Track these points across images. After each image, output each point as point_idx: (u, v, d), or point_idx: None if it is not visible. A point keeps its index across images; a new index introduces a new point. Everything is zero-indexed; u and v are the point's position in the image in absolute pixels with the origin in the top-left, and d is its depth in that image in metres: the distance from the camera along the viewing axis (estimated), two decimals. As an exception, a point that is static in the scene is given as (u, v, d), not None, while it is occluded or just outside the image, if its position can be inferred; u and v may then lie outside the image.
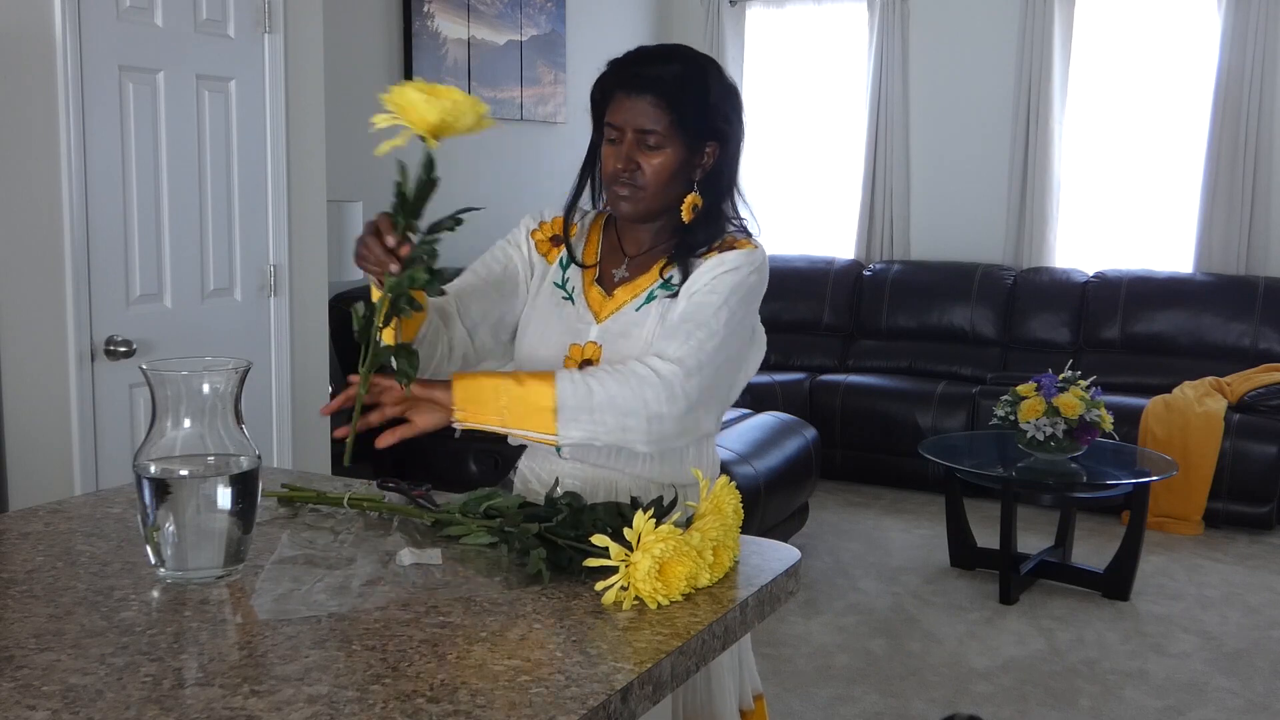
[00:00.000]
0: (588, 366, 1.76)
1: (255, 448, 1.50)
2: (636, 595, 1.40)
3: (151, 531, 1.45)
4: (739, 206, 1.94)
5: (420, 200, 1.62)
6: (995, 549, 4.43)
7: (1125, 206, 6.37)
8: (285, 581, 1.46)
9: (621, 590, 1.40)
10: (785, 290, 6.32)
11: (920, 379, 6.09)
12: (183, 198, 3.29)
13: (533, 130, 6.12)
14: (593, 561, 1.43)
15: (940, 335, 6.36)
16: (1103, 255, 6.35)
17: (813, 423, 5.29)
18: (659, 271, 1.90)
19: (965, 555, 4.64)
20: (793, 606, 4.13)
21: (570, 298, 1.94)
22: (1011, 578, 4.29)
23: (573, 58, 6.22)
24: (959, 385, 5.91)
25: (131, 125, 3.13)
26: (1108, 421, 4.32)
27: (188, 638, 1.30)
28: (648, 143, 1.82)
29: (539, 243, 1.99)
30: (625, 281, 1.93)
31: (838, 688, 3.56)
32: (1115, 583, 4.36)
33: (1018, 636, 3.99)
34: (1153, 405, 5.34)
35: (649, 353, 1.79)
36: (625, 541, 1.42)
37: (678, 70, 1.83)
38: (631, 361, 1.76)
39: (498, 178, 5.88)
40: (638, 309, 1.89)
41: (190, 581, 1.45)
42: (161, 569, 1.46)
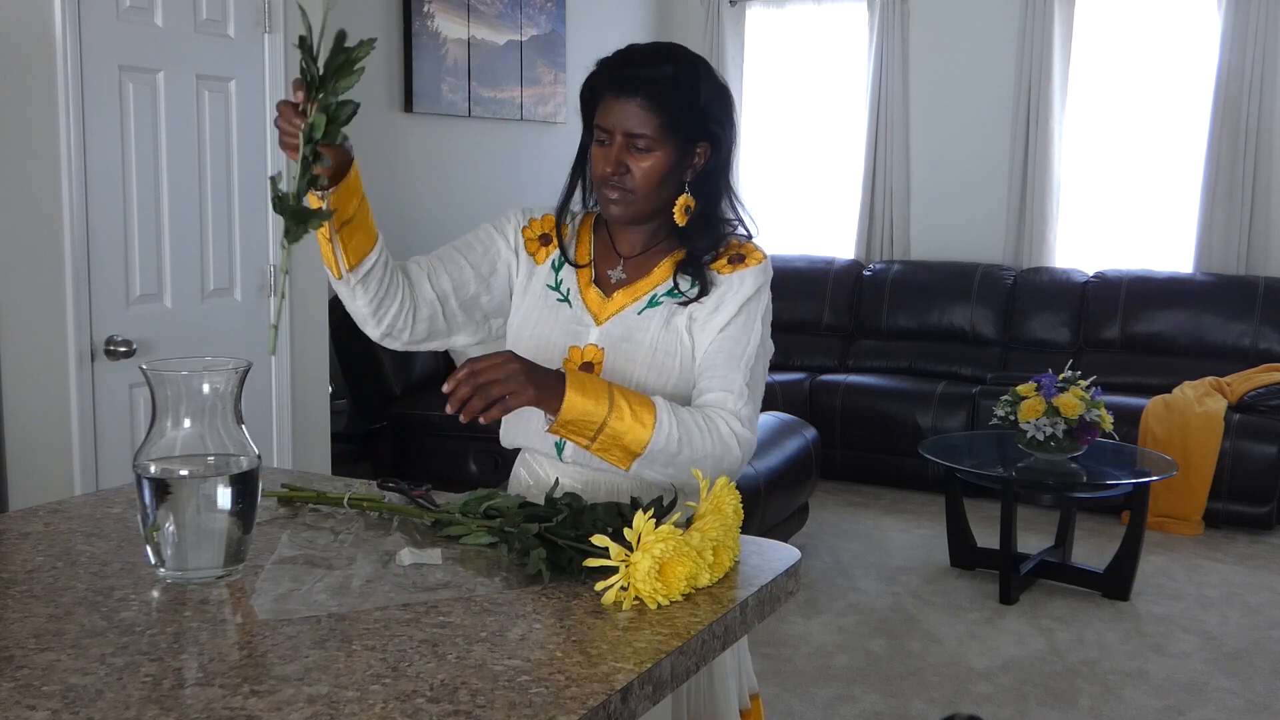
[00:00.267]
0: (674, 404, 1.75)
1: (255, 448, 1.50)
2: (636, 595, 1.40)
3: (151, 531, 1.45)
4: (736, 208, 1.92)
5: (332, 77, 1.57)
6: (995, 549, 4.43)
7: (1125, 206, 6.37)
8: (285, 581, 1.47)
9: (621, 590, 1.40)
10: (785, 290, 6.22)
11: (920, 379, 6.09)
12: (183, 198, 3.29)
13: (533, 130, 6.12)
14: (593, 561, 1.43)
15: (940, 335, 6.35)
16: (1103, 255, 6.35)
17: (813, 423, 5.29)
18: (664, 276, 1.88)
19: (965, 555, 4.64)
20: (793, 606, 4.13)
21: (566, 300, 1.91)
22: (1011, 578, 4.29)
23: (573, 58, 6.22)
24: (959, 385, 5.91)
25: (131, 125, 3.13)
26: (1108, 421, 4.32)
27: (188, 638, 1.30)
28: (637, 145, 1.80)
29: (528, 241, 1.97)
30: (624, 284, 1.91)
31: (838, 688, 3.56)
32: (1115, 583, 4.36)
33: (1018, 636, 3.98)
34: (1153, 405, 5.34)
35: (710, 388, 1.80)
36: (625, 541, 1.43)
37: (668, 72, 1.81)
38: (718, 417, 1.76)
39: (498, 177, 5.89)
40: (639, 313, 1.87)
41: (190, 581, 1.45)
42: (161, 569, 1.46)
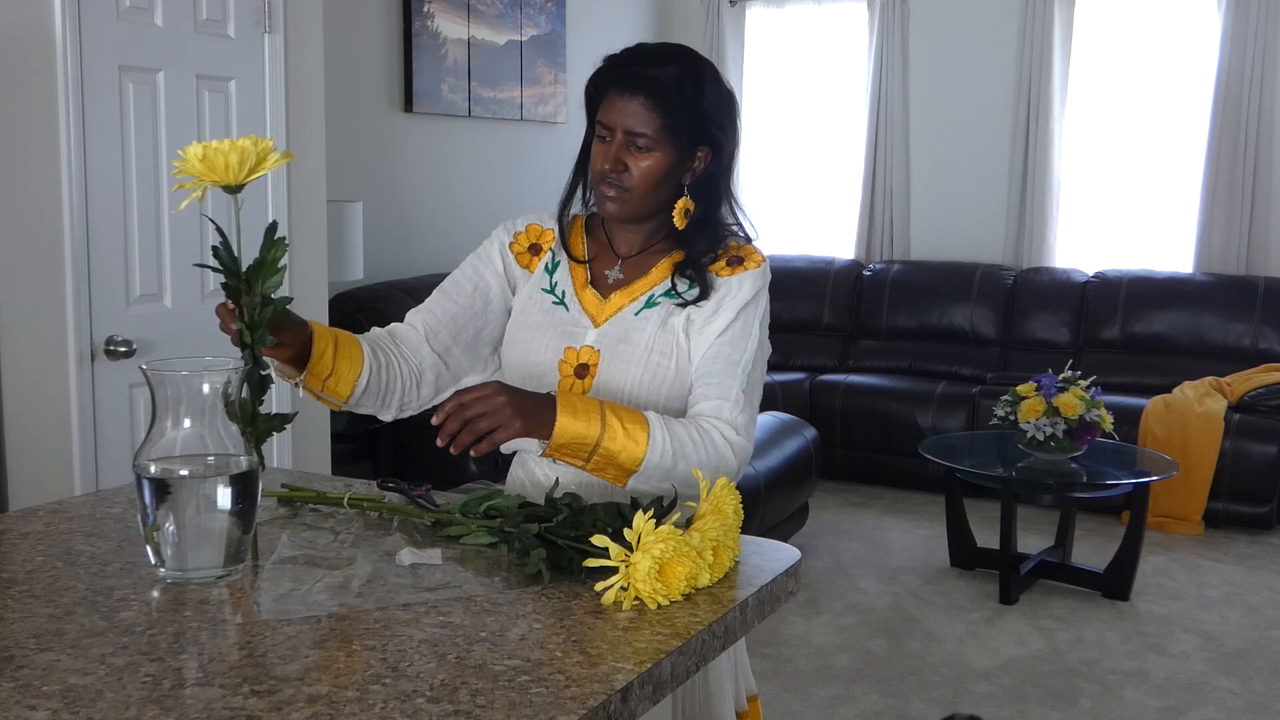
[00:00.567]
0: (667, 418, 1.74)
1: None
2: (636, 595, 1.40)
3: (151, 531, 1.45)
4: (736, 214, 1.91)
5: (259, 279, 1.59)
6: (995, 549, 4.43)
7: (1125, 206, 6.37)
8: (285, 581, 1.46)
9: (621, 590, 1.40)
10: (785, 290, 6.28)
11: (920, 379, 6.09)
12: (182, 198, 3.29)
13: (533, 130, 6.12)
14: (592, 562, 1.43)
15: (940, 335, 6.35)
16: (1103, 255, 6.35)
17: (813, 423, 5.29)
18: (662, 276, 1.88)
19: (965, 555, 4.64)
20: (793, 606, 4.13)
21: (562, 302, 1.90)
22: (1011, 578, 4.29)
23: (573, 58, 6.23)
24: (959, 385, 5.91)
25: (131, 125, 3.13)
26: (1108, 421, 4.32)
27: (188, 638, 1.30)
28: (637, 144, 1.80)
29: (518, 255, 1.95)
30: (621, 284, 1.90)
31: (838, 688, 3.56)
32: (1115, 583, 4.36)
33: (1018, 636, 3.98)
34: (1153, 405, 5.34)
35: (707, 395, 1.79)
36: (625, 542, 1.42)
37: (673, 72, 1.80)
38: (712, 427, 1.75)
39: (498, 178, 5.89)
40: (636, 314, 1.87)
41: (190, 581, 1.45)
42: (161, 569, 1.46)
